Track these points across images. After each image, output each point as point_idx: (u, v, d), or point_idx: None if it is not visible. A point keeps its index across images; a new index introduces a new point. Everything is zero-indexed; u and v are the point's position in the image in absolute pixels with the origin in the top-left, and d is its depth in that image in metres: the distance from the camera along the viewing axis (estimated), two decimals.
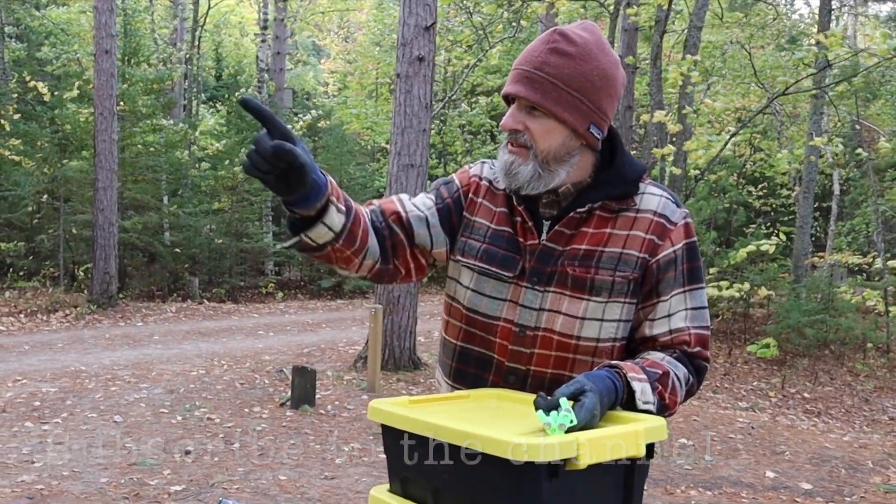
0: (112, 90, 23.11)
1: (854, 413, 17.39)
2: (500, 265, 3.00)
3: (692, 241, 2.99)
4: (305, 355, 17.14)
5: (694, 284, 2.98)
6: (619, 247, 2.91)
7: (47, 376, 14.21)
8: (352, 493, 8.81)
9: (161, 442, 10.53)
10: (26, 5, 34.00)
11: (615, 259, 2.90)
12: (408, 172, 15.24)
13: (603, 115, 2.93)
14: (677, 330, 2.93)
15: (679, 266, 2.95)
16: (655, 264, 2.92)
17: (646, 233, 2.92)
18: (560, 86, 2.85)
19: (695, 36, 21.39)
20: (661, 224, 2.94)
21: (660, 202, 2.98)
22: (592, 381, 2.53)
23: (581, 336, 2.91)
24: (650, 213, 2.95)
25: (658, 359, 2.88)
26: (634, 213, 2.95)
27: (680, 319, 2.94)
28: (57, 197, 26.45)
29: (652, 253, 2.92)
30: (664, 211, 2.96)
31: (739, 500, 9.42)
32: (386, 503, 2.59)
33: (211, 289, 28.43)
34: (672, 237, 2.95)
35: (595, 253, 2.91)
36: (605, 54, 2.93)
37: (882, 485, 10.69)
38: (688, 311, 2.95)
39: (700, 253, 3.05)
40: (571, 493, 2.24)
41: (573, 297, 2.91)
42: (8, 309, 22.12)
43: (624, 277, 2.90)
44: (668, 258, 2.94)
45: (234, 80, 43.94)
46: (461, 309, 3.11)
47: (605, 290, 2.89)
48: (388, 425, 2.56)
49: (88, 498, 8.24)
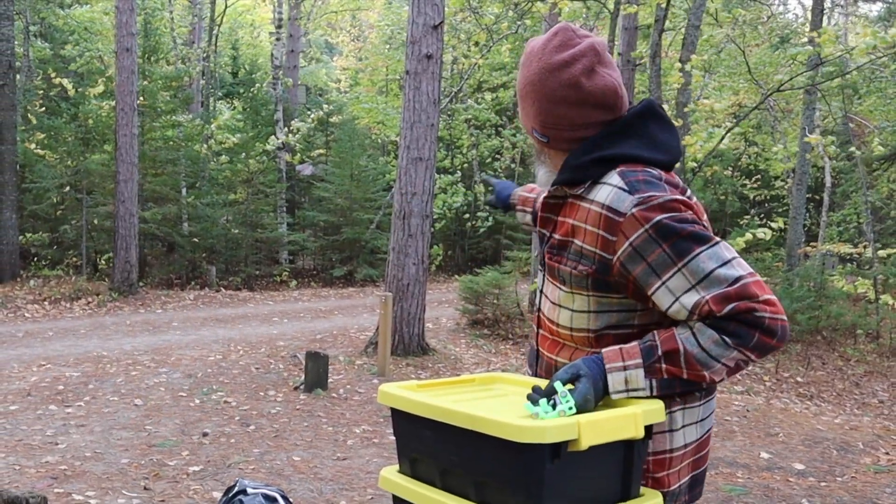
0: (133, 87, 23.14)
1: (845, 396, 17.37)
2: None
3: (657, 220, 2.74)
4: (318, 341, 17.13)
5: (685, 257, 2.72)
6: (580, 239, 2.88)
7: (70, 361, 14.22)
8: (363, 474, 8.79)
9: (180, 424, 10.53)
10: (51, 5, 34.00)
11: (578, 252, 2.88)
12: (417, 165, 15.24)
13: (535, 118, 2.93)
14: (695, 306, 2.69)
15: (653, 252, 2.75)
16: (618, 263, 2.80)
17: (597, 228, 2.83)
18: (521, 97, 2.99)
19: (692, 34, 21.32)
20: (608, 218, 2.81)
21: (610, 193, 2.84)
22: (588, 367, 2.56)
23: (558, 323, 2.93)
24: (598, 205, 2.84)
25: (676, 332, 2.75)
26: (588, 203, 2.89)
27: (691, 296, 2.71)
28: (80, 189, 26.50)
29: (610, 251, 2.80)
30: (612, 203, 2.81)
31: (735, 479, 9.40)
32: (396, 483, 2.60)
33: (228, 277, 28.44)
34: (623, 230, 2.77)
35: (567, 243, 2.93)
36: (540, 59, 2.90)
37: (872, 465, 10.67)
38: (695, 286, 2.71)
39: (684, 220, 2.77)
40: (573, 472, 2.24)
41: (550, 282, 2.99)
42: (33, 296, 22.14)
43: (580, 271, 2.85)
44: (627, 253, 2.78)
45: (249, 77, 43.85)
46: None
47: (567, 281, 2.89)
48: (397, 408, 2.57)
49: (110, 478, 8.23)
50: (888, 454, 11.40)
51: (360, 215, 31.05)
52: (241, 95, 40.41)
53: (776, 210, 38.87)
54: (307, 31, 47.21)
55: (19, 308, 20.69)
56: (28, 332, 17.46)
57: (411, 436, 2.55)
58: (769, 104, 31.14)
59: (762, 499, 8.52)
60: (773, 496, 8.63)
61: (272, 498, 2.96)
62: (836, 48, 17.61)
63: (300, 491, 8.04)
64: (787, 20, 40.77)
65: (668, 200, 2.78)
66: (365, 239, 30.87)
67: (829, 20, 36.83)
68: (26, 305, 21.04)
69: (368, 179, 32.11)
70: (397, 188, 15.70)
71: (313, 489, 8.20)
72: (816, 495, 8.78)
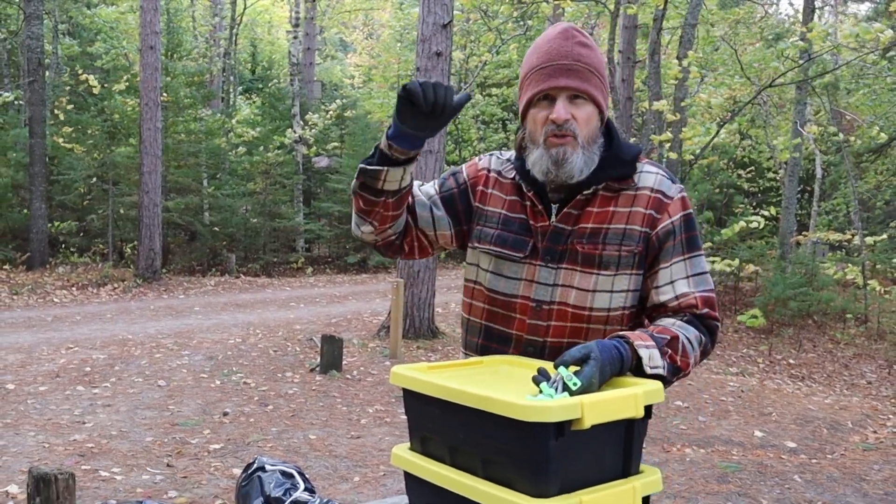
0: (156, 83, 23.16)
1: (835, 378, 17.37)
2: (512, 247, 3.03)
3: (688, 212, 3.00)
4: (333, 325, 17.14)
5: (693, 252, 2.98)
6: (622, 223, 2.92)
7: (97, 344, 14.23)
8: (376, 451, 8.80)
9: (201, 404, 10.55)
10: (78, 4, 34.05)
11: (620, 234, 2.91)
12: (426, 158, 15.23)
13: (605, 97, 2.96)
14: (682, 295, 2.93)
15: (678, 236, 2.96)
16: (655, 236, 2.93)
17: (645, 208, 2.94)
18: (595, 73, 2.89)
19: (689, 33, 21.31)
20: (658, 199, 2.96)
21: (656, 179, 3.00)
22: (599, 351, 2.54)
23: (593, 307, 2.92)
24: (647, 189, 2.96)
25: (668, 325, 2.88)
26: (634, 191, 2.96)
27: (684, 285, 2.94)
28: (106, 180, 26.56)
29: (651, 226, 2.93)
30: (660, 187, 2.98)
31: (730, 457, 9.40)
32: (407, 460, 2.60)
33: (247, 264, 28.47)
34: (669, 210, 2.96)
35: (601, 230, 2.91)
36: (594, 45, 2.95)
37: (861, 443, 10.68)
38: (689, 277, 2.96)
39: (698, 223, 3.06)
40: (576, 450, 2.24)
41: (584, 272, 2.92)
42: (61, 282, 22.18)
43: (629, 251, 2.91)
44: (666, 229, 2.95)
45: (267, 73, 43.93)
46: (483, 290, 3.13)
47: (613, 264, 2.90)
48: (408, 389, 2.57)
49: (135, 455, 8.24)
50: (876, 432, 11.42)
51: None
52: (259, 91, 40.44)
53: (769, 200, 38.89)
54: (322, 30, 47.21)
55: (48, 293, 20.71)
56: (57, 316, 17.48)
57: (422, 415, 2.55)
58: (762, 99, 31.18)
59: (756, 475, 8.52)
60: (766, 472, 8.63)
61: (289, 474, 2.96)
62: (825, 45, 17.63)
63: (316, 467, 8.05)
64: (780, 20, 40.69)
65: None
66: None
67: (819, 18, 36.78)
68: (55, 291, 21.07)
69: None
70: None
71: (328, 466, 8.21)
72: (808, 472, 8.78)
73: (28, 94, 25.60)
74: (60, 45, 33.07)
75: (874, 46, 17.55)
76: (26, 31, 25.48)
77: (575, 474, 2.26)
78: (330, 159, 33.74)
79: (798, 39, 17.76)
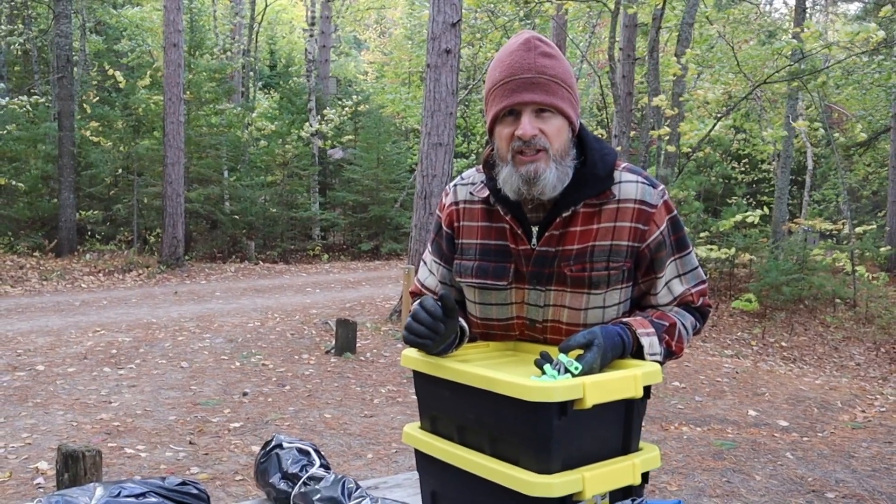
0: (179, 79, 23.17)
1: (825, 359, 17.37)
2: (493, 277, 2.89)
3: (673, 214, 2.87)
4: (347, 309, 17.14)
5: (683, 251, 2.90)
6: (608, 239, 2.77)
7: (123, 327, 14.25)
8: (388, 429, 8.81)
9: (222, 385, 10.56)
10: (105, 4, 34.11)
11: (606, 252, 2.78)
12: (437, 150, 15.24)
13: (579, 107, 2.81)
14: (679, 295, 2.89)
15: (668, 243, 2.85)
16: (647, 249, 2.81)
17: (630, 222, 2.78)
18: (562, 84, 2.70)
19: (687, 31, 21.28)
20: (642, 210, 2.77)
21: (637, 188, 2.80)
22: (603, 337, 2.52)
23: (587, 323, 2.82)
24: (630, 201, 2.78)
25: (666, 310, 2.88)
26: (616, 203, 2.79)
27: (678, 285, 2.90)
28: (131, 171, 26.65)
29: (640, 240, 2.79)
30: (643, 197, 2.79)
31: (725, 435, 9.39)
32: (417, 438, 2.60)
33: (265, 251, 28.52)
34: (655, 219, 2.80)
35: (587, 249, 2.78)
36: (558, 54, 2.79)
37: (849, 422, 10.67)
38: (682, 276, 2.90)
39: (682, 221, 3.03)
40: (579, 428, 2.24)
41: (574, 292, 2.81)
42: (89, 269, 22.21)
43: (618, 268, 2.79)
44: (657, 241, 2.82)
45: (285, 69, 43.93)
46: (476, 320, 3.01)
47: (603, 283, 2.79)
48: (419, 371, 2.57)
49: (159, 433, 8.26)
50: (864, 412, 11.40)
51: (386, 195, 31.20)
52: (277, 86, 40.44)
53: (762, 191, 38.92)
54: (337, 28, 47.18)
55: (76, 279, 20.75)
56: (84, 301, 17.51)
57: (432, 395, 2.55)
58: (756, 95, 31.16)
59: (750, 452, 8.51)
60: (759, 450, 8.62)
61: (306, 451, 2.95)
62: (817, 44, 17.61)
63: (331, 445, 8.06)
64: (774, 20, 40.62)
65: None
66: (390, 216, 30.99)
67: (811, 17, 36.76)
68: (83, 277, 21.11)
69: (393, 163, 32.21)
70: (419, 171, 15.71)
71: (343, 443, 8.21)
72: (799, 449, 8.77)
73: (57, 90, 25.64)
74: (88, 43, 33.21)
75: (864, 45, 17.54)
76: (55, 29, 25.53)
77: (577, 451, 2.26)
78: (344, 151, 33.80)
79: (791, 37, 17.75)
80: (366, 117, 33.62)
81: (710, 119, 18.55)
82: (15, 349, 12.18)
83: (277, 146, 30.43)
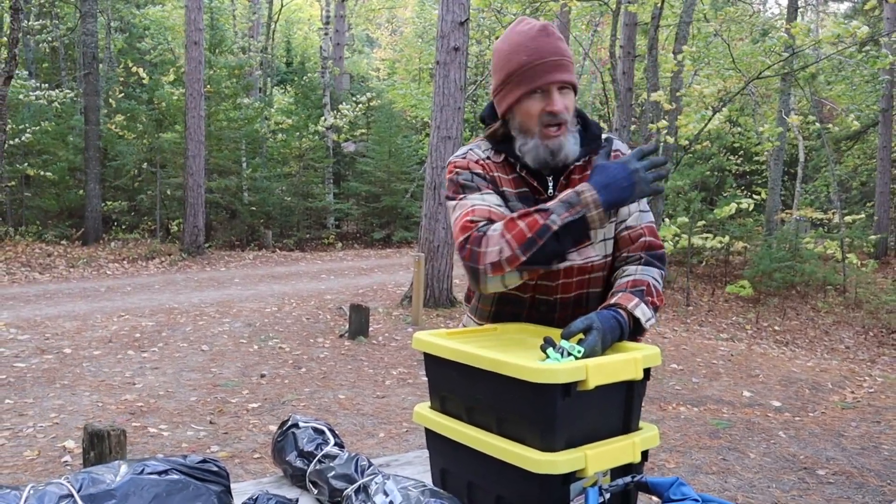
0: (200, 75, 23.19)
1: (816, 343, 17.37)
2: None
3: None
4: (360, 295, 17.15)
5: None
6: None
7: (146, 312, 14.27)
8: (399, 410, 8.81)
9: (241, 367, 10.57)
10: (129, 4, 34.13)
11: None
12: (445, 143, 15.25)
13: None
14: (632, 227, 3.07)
15: None
16: None
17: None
18: (572, 64, 2.97)
19: (684, 29, 21.23)
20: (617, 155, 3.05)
21: (617, 143, 3.11)
22: (600, 321, 2.59)
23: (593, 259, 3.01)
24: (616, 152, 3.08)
25: (637, 274, 2.99)
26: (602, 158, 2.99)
27: (633, 220, 3.08)
28: (154, 164, 26.71)
29: None
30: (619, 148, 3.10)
31: (721, 415, 9.39)
32: (428, 418, 2.60)
33: (282, 240, 28.53)
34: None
35: None
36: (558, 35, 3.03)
37: (839, 402, 10.67)
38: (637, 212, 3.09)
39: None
40: (581, 409, 2.24)
41: None
42: (113, 256, 22.24)
43: None
44: None
45: (301, 66, 43.76)
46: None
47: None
48: (429, 353, 2.57)
49: (180, 413, 8.27)
50: (853, 393, 11.41)
51: (397, 186, 31.19)
52: (294, 82, 40.42)
53: (756, 182, 38.90)
54: (350, 27, 47.19)
55: (102, 266, 20.78)
56: (109, 287, 17.54)
57: (441, 377, 2.55)
58: (750, 90, 31.13)
59: (744, 431, 8.51)
60: (753, 429, 8.62)
61: (320, 430, 2.95)
62: (808, 40, 17.60)
63: (345, 424, 8.06)
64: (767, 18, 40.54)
65: None
66: (401, 206, 30.96)
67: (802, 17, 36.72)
68: (108, 264, 21.14)
69: (404, 155, 32.25)
70: (429, 162, 15.72)
71: (356, 423, 8.22)
72: (791, 428, 8.77)
73: (84, 86, 25.66)
74: (113, 41, 33.19)
75: (852, 42, 17.51)
76: (82, 27, 25.56)
77: (580, 431, 2.26)
78: (357, 144, 33.82)
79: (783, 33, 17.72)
80: (378, 112, 33.63)
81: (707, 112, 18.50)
82: (43, 333, 12.20)
83: (294, 139, 30.52)
